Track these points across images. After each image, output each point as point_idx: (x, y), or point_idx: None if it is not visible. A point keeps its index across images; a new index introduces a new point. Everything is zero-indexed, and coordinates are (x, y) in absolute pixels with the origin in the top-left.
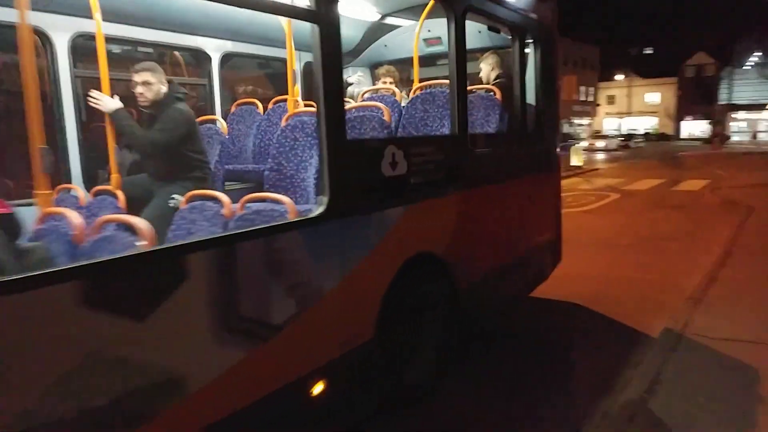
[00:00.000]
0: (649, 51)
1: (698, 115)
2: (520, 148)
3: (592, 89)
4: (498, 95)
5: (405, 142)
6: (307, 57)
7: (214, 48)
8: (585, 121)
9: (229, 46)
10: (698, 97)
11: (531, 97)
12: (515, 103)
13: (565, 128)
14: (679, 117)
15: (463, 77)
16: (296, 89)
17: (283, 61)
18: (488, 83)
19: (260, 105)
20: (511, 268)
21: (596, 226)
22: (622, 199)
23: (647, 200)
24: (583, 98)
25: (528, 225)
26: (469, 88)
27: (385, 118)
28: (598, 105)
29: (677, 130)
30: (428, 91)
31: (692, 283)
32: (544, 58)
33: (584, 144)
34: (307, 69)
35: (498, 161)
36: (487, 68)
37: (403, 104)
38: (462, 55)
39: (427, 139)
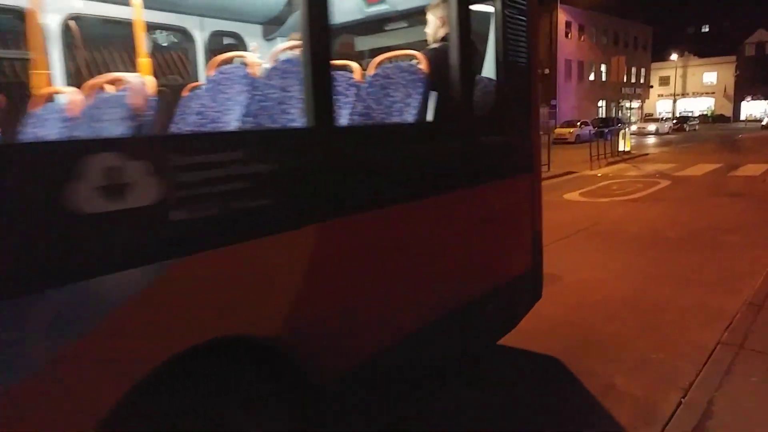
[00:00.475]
0: (705, 29)
1: (758, 96)
2: (460, 144)
3: (643, 70)
4: (424, 65)
5: (153, 145)
6: (214, 25)
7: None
8: (635, 104)
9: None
10: (759, 77)
11: (489, 70)
12: (454, 78)
13: (613, 112)
14: (738, 98)
15: (323, 34)
16: (144, 63)
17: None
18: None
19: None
20: (443, 325)
21: (643, 216)
22: (674, 186)
23: (701, 187)
24: (633, 80)
25: (477, 259)
26: (384, 56)
27: (135, 103)
28: (651, 87)
29: (736, 111)
30: (287, 59)
31: (752, 285)
32: (509, 10)
33: (633, 128)
34: (216, 42)
35: (410, 168)
36: (434, 22)
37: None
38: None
39: (218, 138)
